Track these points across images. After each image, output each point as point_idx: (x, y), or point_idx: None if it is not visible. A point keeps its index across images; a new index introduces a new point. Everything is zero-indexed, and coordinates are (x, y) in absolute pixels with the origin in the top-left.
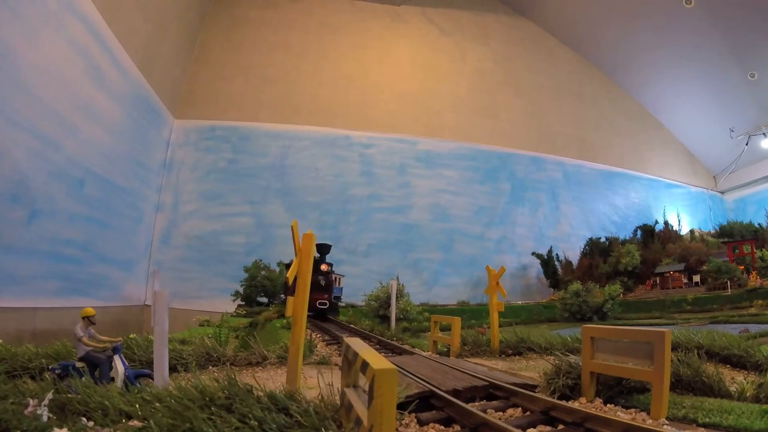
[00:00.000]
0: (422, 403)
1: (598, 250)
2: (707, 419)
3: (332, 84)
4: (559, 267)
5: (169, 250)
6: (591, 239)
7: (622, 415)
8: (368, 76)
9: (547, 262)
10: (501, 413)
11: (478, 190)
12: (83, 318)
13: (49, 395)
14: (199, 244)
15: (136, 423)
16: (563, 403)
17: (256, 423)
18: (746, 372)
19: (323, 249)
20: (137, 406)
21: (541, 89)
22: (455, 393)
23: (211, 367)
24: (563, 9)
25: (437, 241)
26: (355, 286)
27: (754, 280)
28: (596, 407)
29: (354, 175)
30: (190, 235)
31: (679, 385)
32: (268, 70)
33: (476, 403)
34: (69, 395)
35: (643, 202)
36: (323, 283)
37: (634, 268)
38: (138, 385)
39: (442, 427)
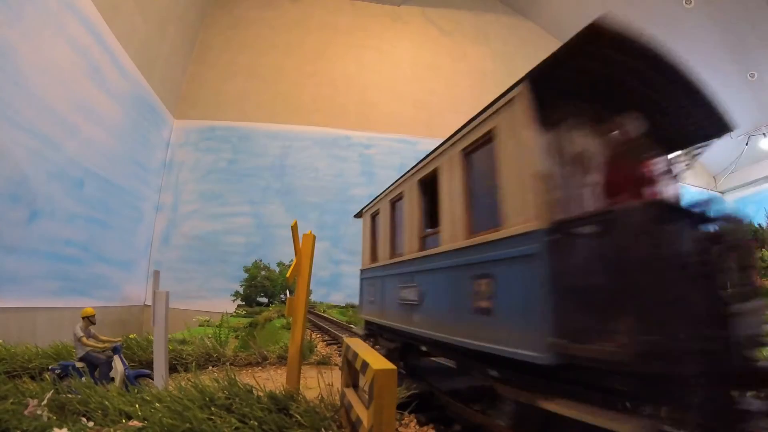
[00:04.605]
0: (422, 403)
1: None
2: None
3: (332, 84)
4: None
5: (169, 250)
6: None
7: None
8: (368, 76)
9: None
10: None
11: None
12: (83, 318)
13: (49, 395)
14: (199, 244)
15: (136, 423)
16: None
17: (256, 423)
18: None
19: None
20: (137, 406)
21: None
22: (455, 393)
23: (211, 367)
24: (563, 9)
25: None
26: (356, 286)
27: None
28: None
29: (354, 175)
30: (190, 235)
31: None
32: (268, 70)
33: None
34: (69, 395)
35: None
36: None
37: None
38: (138, 385)
39: (442, 427)
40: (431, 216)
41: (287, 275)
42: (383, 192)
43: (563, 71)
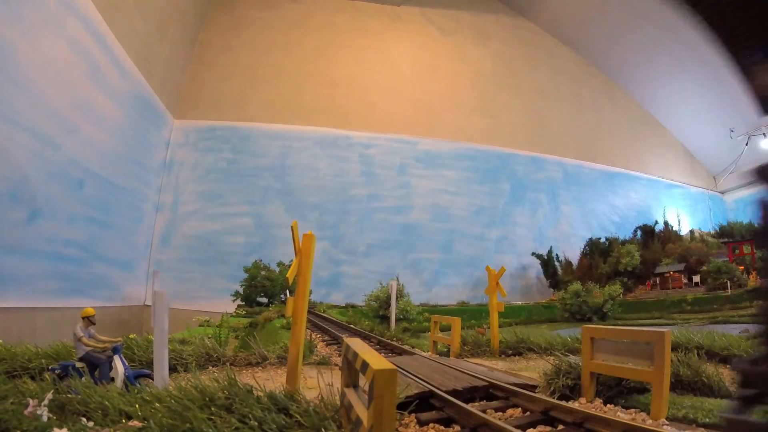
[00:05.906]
0: (422, 403)
1: (597, 251)
2: (707, 419)
3: (332, 84)
4: (558, 267)
5: (169, 250)
6: (591, 239)
7: (622, 416)
8: (368, 76)
9: (547, 263)
10: (501, 413)
11: (477, 190)
12: (83, 318)
13: (49, 395)
14: (199, 244)
15: (136, 423)
16: (563, 403)
17: (256, 423)
18: None
19: None
20: (137, 406)
21: (541, 89)
22: (455, 393)
23: (211, 367)
24: (563, 9)
25: (437, 241)
26: (355, 286)
27: (754, 281)
28: (596, 407)
29: (354, 176)
30: (190, 235)
31: (679, 385)
32: (268, 70)
33: (476, 403)
34: (69, 395)
35: (643, 202)
36: None
37: (634, 268)
38: (138, 385)
39: (442, 427)
40: None
41: (287, 275)
42: None
43: None
